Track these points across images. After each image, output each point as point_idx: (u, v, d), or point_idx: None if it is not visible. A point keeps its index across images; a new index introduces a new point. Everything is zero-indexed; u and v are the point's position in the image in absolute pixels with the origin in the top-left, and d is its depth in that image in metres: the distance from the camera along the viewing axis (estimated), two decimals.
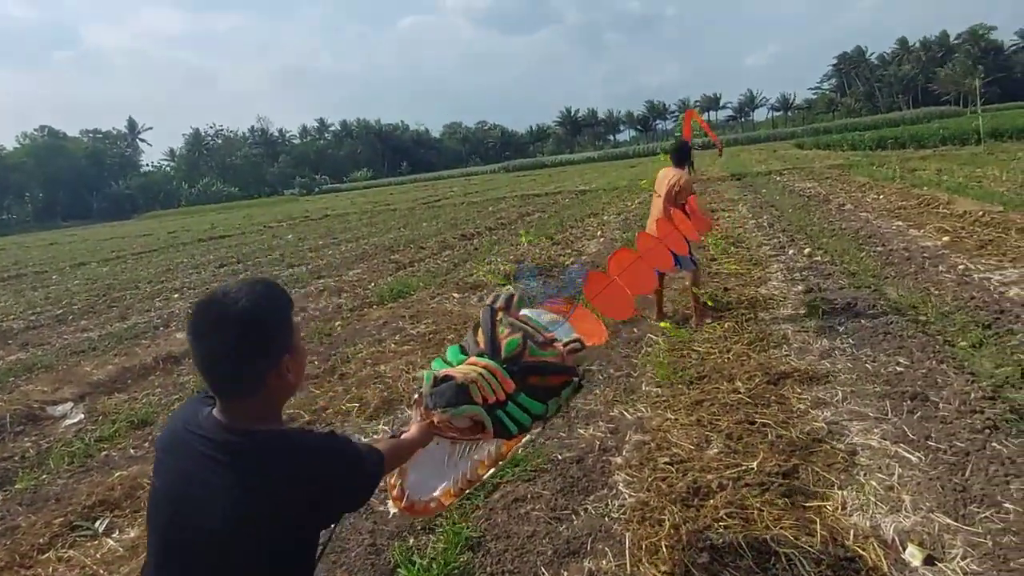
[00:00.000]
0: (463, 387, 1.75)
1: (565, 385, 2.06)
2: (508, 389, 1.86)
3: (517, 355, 1.94)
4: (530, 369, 1.94)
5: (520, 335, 1.99)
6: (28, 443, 5.06)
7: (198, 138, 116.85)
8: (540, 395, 1.94)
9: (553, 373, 2.01)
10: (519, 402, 1.87)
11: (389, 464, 1.57)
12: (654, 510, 3.01)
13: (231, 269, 14.86)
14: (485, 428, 1.78)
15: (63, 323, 10.24)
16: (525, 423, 1.90)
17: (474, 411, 1.76)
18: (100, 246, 29.01)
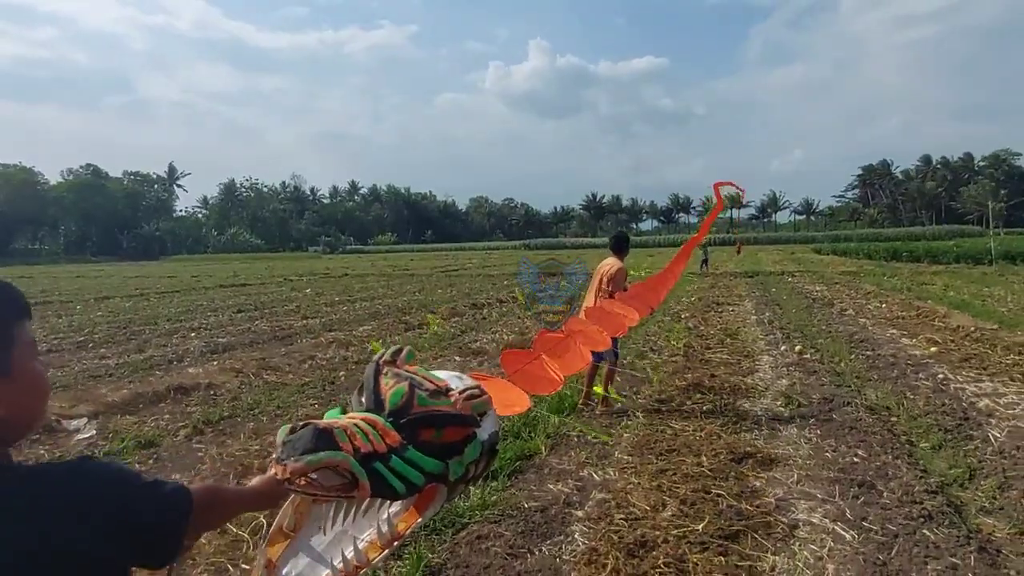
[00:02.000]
0: (325, 432, 1.44)
1: (467, 441, 1.75)
2: (391, 441, 1.58)
3: (403, 405, 1.67)
4: (421, 421, 1.66)
5: (406, 383, 1.72)
6: (43, 450, 5.45)
7: (232, 189, 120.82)
8: (437, 452, 1.66)
9: (449, 424, 1.71)
10: (407, 456, 1.58)
11: (206, 506, 1.20)
12: (601, 555, 3.32)
13: (247, 315, 15.40)
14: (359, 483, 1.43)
15: (83, 349, 10.72)
16: (416, 481, 1.58)
17: (338, 458, 1.41)
18: (126, 283, 29.90)
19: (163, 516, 1.08)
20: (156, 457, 5.24)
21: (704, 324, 12.02)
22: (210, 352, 10.15)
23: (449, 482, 1.70)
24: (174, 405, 6.90)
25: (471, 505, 4.05)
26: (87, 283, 30.61)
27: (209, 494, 1.26)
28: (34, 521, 0.95)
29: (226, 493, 1.40)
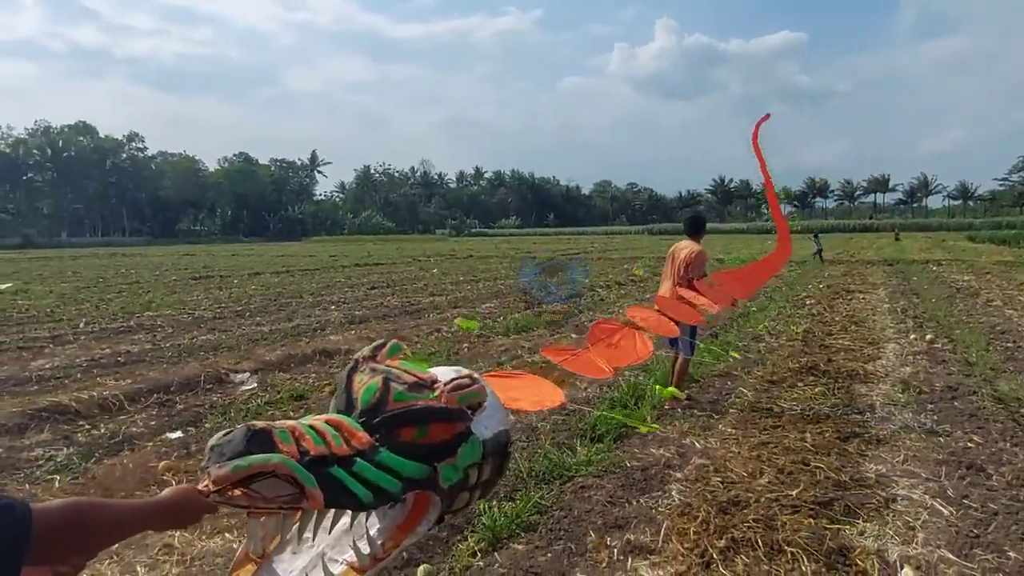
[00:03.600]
0: (261, 432, 1.27)
1: (459, 441, 1.53)
2: (358, 443, 1.40)
3: (377, 402, 1.48)
4: (398, 419, 1.47)
5: (380, 378, 1.53)
6: (216, 397, 6.40)
7: (367, 174, 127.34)
8: (422, 454, 1.46)
9: (433, 420, 1.49)
10: (378, 460, 1.39)
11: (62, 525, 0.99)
12: (693, 509, 3.60)
13: (380, 291, 16.55)
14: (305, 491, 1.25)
15: (242, 317, 12.09)
16: (389, 487, 1.39)
17: (272, 461, 1.22)
18: (273, 261, 32.63)
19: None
20: (305, 408, 6.02)
21: (829, 311, 11.65)
22: (348, 323, 11.14)
23: (442, 489, 1.50)
24: (319, 366, 7.77)
25: (577, 461, 4.43)
26: (240, 260, 33.67)
27: (71, 512, 1.02)
28: None
29: (108, 509, 1.12)
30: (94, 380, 6.97)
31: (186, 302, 14.35)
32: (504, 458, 1.68)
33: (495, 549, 3.34)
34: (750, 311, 11.85)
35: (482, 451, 1.56)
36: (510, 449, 1.70)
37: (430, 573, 3.13)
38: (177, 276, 22.43)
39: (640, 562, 3.17)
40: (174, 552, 3.33)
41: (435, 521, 1.55)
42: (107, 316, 12.16)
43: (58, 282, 20.59)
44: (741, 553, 3.13)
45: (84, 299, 15.25)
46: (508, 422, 1.68)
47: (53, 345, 9.16)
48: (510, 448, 1.70)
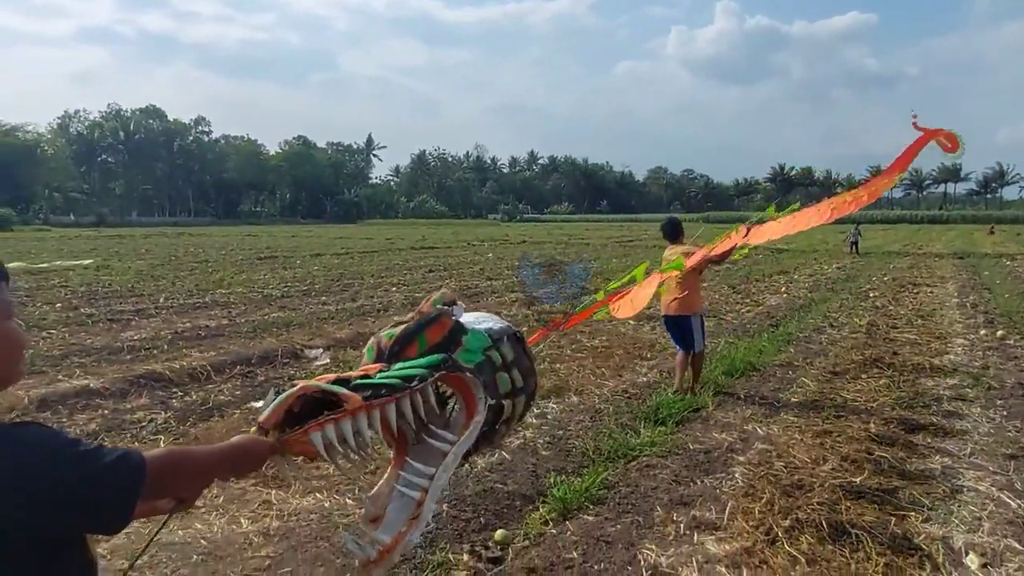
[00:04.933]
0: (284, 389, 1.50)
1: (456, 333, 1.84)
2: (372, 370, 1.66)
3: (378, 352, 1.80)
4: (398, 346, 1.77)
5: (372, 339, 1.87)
6: (292, 371, 6.77)
7: (422, 159, 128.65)
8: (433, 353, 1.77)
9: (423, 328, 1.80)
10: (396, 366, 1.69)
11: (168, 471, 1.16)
12: (758, 491, 3.73)
13: (437, 275, 16.90)
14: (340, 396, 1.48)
15: (308, 296, 12.57)
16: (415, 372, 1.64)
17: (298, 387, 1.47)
18: (332, 243, 33.45)
19: (100, 487, 1.04)
20: None
21: (894, 304, 11.43)
22: (409, 304, 11.47)
23: (467, 368, 1.78)
24: None
25: (640, 442, 4.59)
26: (301, 242, 34.62)
27: (171, 458, 1.22)
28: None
29: (195, 456, 1.35)
30: (180, 351, 7.44)
31: (255, 281, 14.95)
32: (519, 341, 2.00)
33: (566, 519, 3.53)
34: (812, 302, 11.71)
35: (488, 336, 1.88)
36: (520, 335, 2.02)
37: (507, 537, 3.34)
38: (243, 256, 23.28)
39: (706, 537, 3.31)
40: (272, 507, 3.64)
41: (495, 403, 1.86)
42: (183, 292, 12.81)
43: (134, 259, 21.65)
44: (806, 533, 3.24)
45: (160, 276, 16.04)
46: (503, 322, 2.05)
47: (138, 318, 9.75)
48: (520, 335, 2.02)
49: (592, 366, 6.86)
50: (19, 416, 5.09)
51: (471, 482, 3.99)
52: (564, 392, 5.91)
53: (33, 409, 5.22)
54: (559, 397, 5.81)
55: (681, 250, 5.71)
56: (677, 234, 6.09)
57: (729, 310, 10.78)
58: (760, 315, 10.36)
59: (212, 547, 3.23)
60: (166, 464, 1.16)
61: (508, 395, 1.94)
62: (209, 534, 3.37)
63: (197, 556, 3.15)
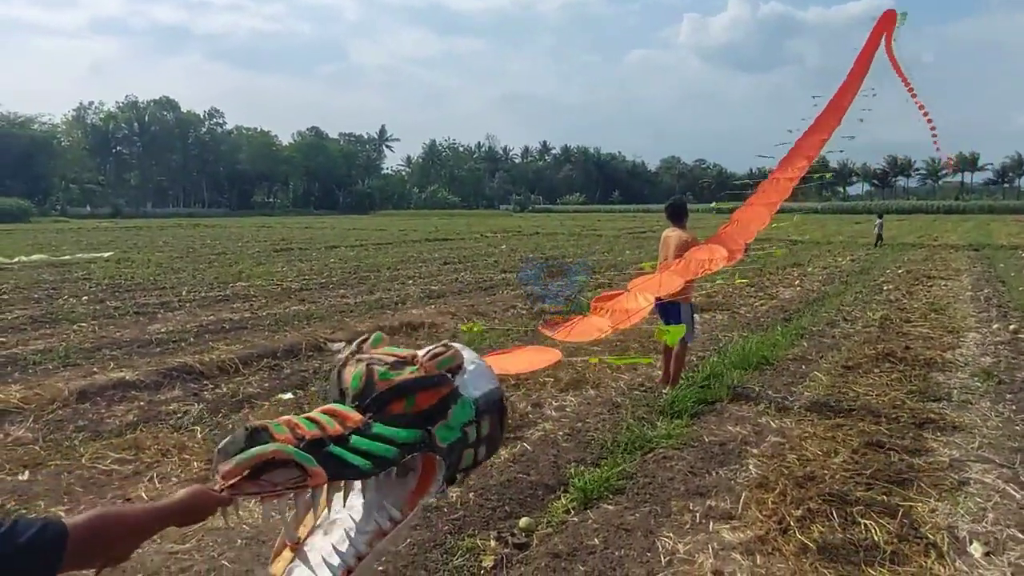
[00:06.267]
0: (258, 429, 1.42)
1: (448, 402, 1.71)
2: (352, 423, 1.57)
3: (364, 387, 1.65)
4: (387, 396, 1.64)
5: (363, 365, 1.70)
6: (316, 363, 6.98)
7: (434, 149, 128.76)
8: (415, 422, 1.64)
9: (418, 390, 1.67)
10: (372, 433, 1.56)
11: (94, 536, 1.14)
12: (771, 482, 3.89)
13: (452, 267, 17.09)
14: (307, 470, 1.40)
15: (326, 289, 12.79)
16: (386, 455, 1.55)
17: (269, 449, 1.37)
18: (346, 234, 33.72)
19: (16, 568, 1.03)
20: None
21: (908, 297, 11.49)
22: (427, 297, 11.68)
23: (441, 448, 1.66)
24: (406, 337, 8.29)
25: (657, 434, 4.76)
26: (315, 233, 34.90)
27: (99, 524, 1.17)
28: None
29: (124, 518, 1.26)
30: (207, 344, 7.67)
31: (273, 273, 15.20)
32: (501, 413, 1.84)
33: (587, 508, 3.71)
34: (825, 296, 11.80)
35: (474, 409, 1.73)
36: (505, 404, 1.87)
37: (531, 525, 3.52)
38: (259, 248, 23.58)
39: (721, 526, 3.48)
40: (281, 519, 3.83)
41: (446, 480, 1.74)
42: (204, 285, 13.07)
43: (152, 251, 21.99)
44: (817, 522, 3.40)
45: (180, 268, 16.33)
46: (496, 381, 1.86)
47: (163, 311, 10.00)
48: (505, 403, 1.86)
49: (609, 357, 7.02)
50: (62, 405, 5.34)
51: (495, 473, 4.17)
52: (582, 386, 6.09)
53: (74, 400, 5.45)
54: (577, 391, 5.98)
55: (683, 235, 5.82)
56: (681, 216, 6.11)
57: (743, 303, 10.90)
58: (774, 308, 10.48)
59: (255, 532, 3.43)
60: (91, 531, 1.13)
61: (464, 470, 1.83)
62: (251, 520, 3.57)
63: (241, 540, 3.36)
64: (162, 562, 3.14)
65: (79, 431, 4.92)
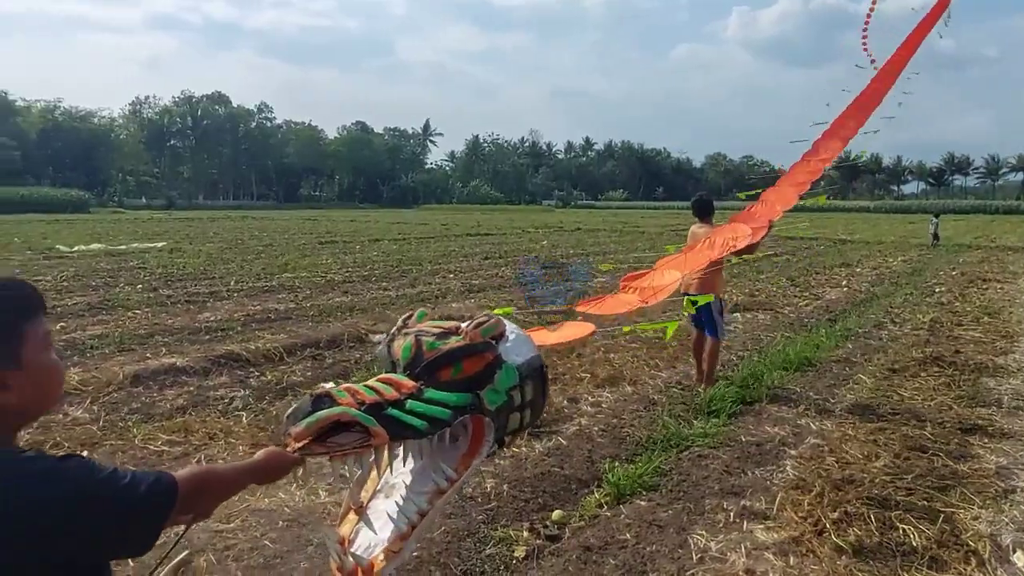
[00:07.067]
0: (322, 395, 1.54)
1: (493, 369, 1.81)
2: (405, 389, 1.67)
3: (414, 356, 1.77)
4: (435, 363, 1.75)
5: (411, 337, 1.83)
6: (358, 354, 7.13)
7: (477, 144, 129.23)
8: (464, 386, 1.75)
9: (464, 357, 1.77)
10: (425, 397, 1.67)
11: (195, 490, 1.26)
12: (808, 483, 3.85)
13: (493, 261, 17.18)
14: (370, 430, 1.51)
15: (368, 281, 13.01)
16: (441, 416, 1.66)
17: (335, 411, 1.49)
18: (389, 228, 34.15)
19: (134, 516, 1.14)
20: None
21: (960, 300, 11.13)
22: (467, 291, 11.79)
23: (490, 411, 1.79)
24: None
25: (693, 433, 4.74)
26: (359, 226, 35.43)
27: (200, 479, 1.30)
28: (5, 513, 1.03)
29: (220, 474, 1.41)
30: (253, 333, 7.90)
31: (318, 265, 15.51)
32: (542, 380, 1.96)
33: (620, 503, 3.73)
34: (874, 297, 11.52)
35: (518, 375, 1.85)
36: (546, 371, 1.99)
37: (563, 517, 3.57)
38: (305, 240, 24.04)
39: (756, 525, 3.47)
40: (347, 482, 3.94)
41: (495, 442, 1.86)
42: (251, 276, 13.42)
43: (203, 242, 22.64)
44: (854, 525, 3.36)
45: (228, 259, 16.79)
46: (537, 350, 1.99)
47: (212, 300, 10.32)
48: (545, 370, 1.99)
49: (646, 357, 7.00)
50: (117, 388, 5.58)
51: (529, 465, 4.23)
52: (619, 382, 6.09)
53: (128, 384, 5.70)
54: (614, 386, 5.99)
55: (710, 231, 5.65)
56: (706, 212, 6.16)
57: (786, 303, 10.71)
58: (818, 309, 10.27)
59: (295, 515, 3.56)
60: (195, 484, 1.26)
61: (511, 433, 1.95)
62: (292, 503, 3.70)
63: (283, 522, 3.48)
64: (208, 539, 3.28)
65: (133, 413, 5.15)
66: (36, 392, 1.17)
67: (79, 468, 1.13)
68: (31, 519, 1.04)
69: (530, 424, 2.04)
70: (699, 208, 6.23)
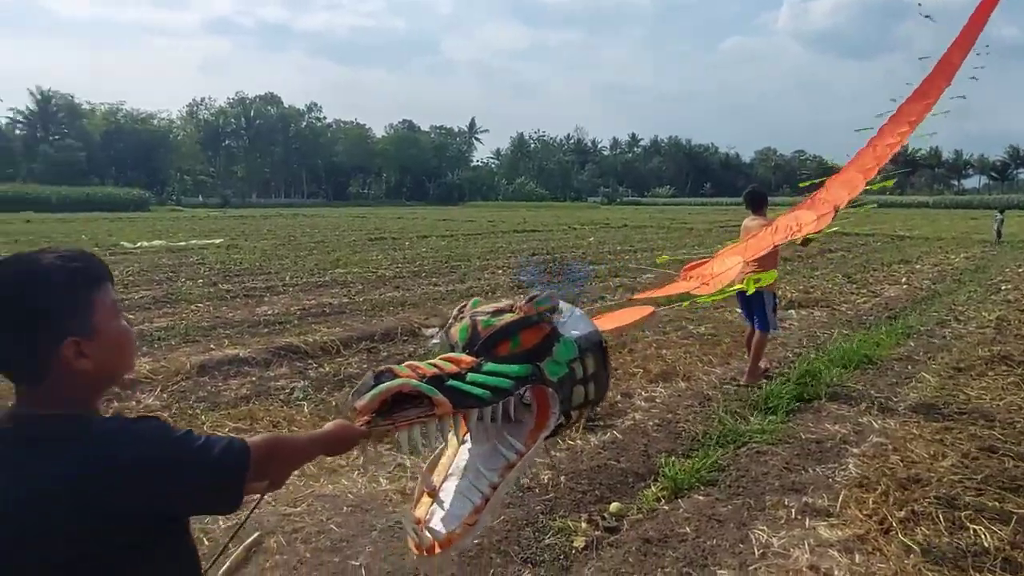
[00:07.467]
0: (384, 371, 1.59)
1: (550, 341, 1.86)
2: (466, 364, 1.72)
3: (471, 336, 1.82)
4: (492, 340, 1.79)
5: (467, 319, 1.88)
6: (411, 348, 7.25)
7: (522, 141, 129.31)
8: (523, 359, 1.79)
9: (521, 330, 1.81)
10: (485, 369, 1.71)
11: (267, 456, 1.29)
12: (872, 482, 3.77)
13: (540, 257, 17.20)
14: (433, 400, 1.55)
15: (419, 277, 13.18)
16: (503, 385, 1.69)
17: (397, 383, 1.54)
18: (436, 225, 34.47)
19: (211, 476, 1.19)
20: None
21: None
22: (516, 288, 11.83)
23: (552, 382, 1.83)
24: None
25: (750, 429, 4.69)
26: (406, 224, 35.83)
27: (269, 445, 1.33)
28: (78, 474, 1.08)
29: (291, 442, 1.49)
30: (309, 326, 8.10)
31: (368, 261, 15.78)
32: (603, 353, 2.00)
33: (677, 497, 3.72)
34: (935, 294, 11.15)
35: (577, 347, 1.88)
36: (606, 346, 2.03)
37: (621, 510, 3.58)
38: (355, 237, 24.46)
39: (818, 522, 3.42)
40: (407, 471, 4.04)
41: (563, 414, 1.89)
42: (305, 271, 13.74)
43: (258, 239, 23.25)
44: (921, 525, 3.28)
45: (283, 255, 17.21)
46: (594, 325, 2.04)
47: (269, 295, 10.61)
48: (605, 345, 2.03)
49: (699, 353, 6.93)
50: (184, 378, 5.80)
51: (585, 458, 4.24)
52: (672, 377, 6.04)
53: (195, 373, 5.92)
54: (667, 382, 5.95)
55: (764, 223, 5.54)
56: (760, 204, 6.06)
57: (843, 300, 10.44)
58: (877, 306, 9.99)
59: (359, 501, 3.66)
60: (266, 450, 1.29)
61: (577, 407, 1.97)
62: (355, 490, 3.80)
63: (347, 507, 3.58)
64: (277, 522, 3.40)
65: (200, 401, 5.36)
66: (110, 358, 1.21)
67: (156, 429, 1.19)
68: (115, 477, 1.09)
69: (596, 400, 2.06)
70: (752, 200, 6.16)
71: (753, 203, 6.11)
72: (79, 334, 1.15)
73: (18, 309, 1.13)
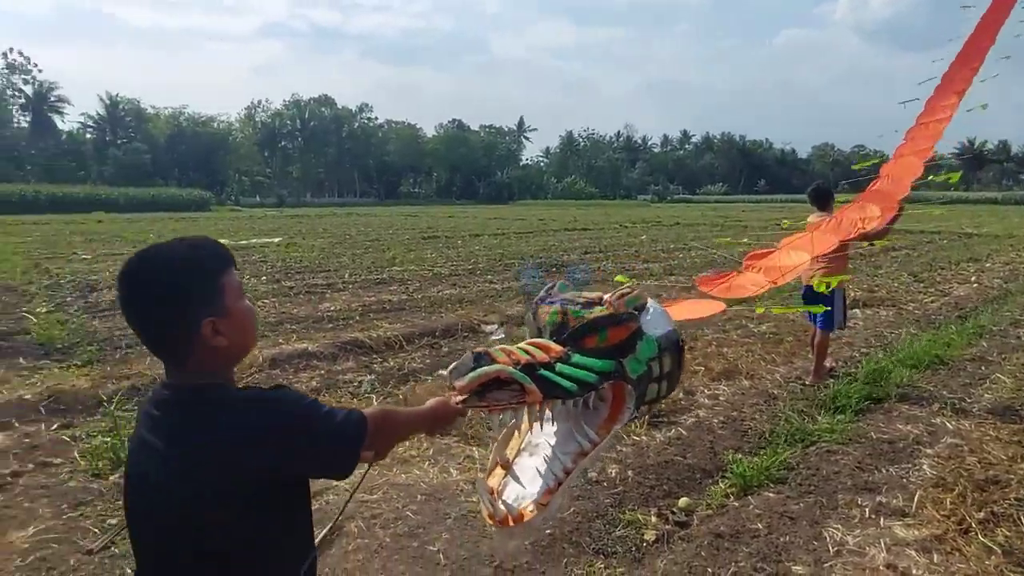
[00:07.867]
0: (482, 353, 1.65)
1: (635, 339, 1.91)
2: (556, 353, 1.77)
3: (560, 323, 1.87)
4: (581, 331, 1.85)
5: (557, 305, 1.92)
6: (471, 344, 7.37)
7: (571, 139, 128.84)
8: (607, 354, 1.84)
9: (609, 326, 1.86)
10: (573, 361, 1.77)
11: (379, 427, 1.40)
12: (948, 483, 3.70)
13: (594, 256, 17.17)
14: (525, 388, 1.61)
15: (474, 275, 13.33)
16: (588, 379, 1.75)
17: (494, 368, 1.60)
18: (487, 223, 34.65)
19: (334, 441, 1.31)
20: None
21: None
22: (570, 284, 11.85)
23: (631, 379, 1.89)
24: None
25: (818, 428, 4.63)
26: (458, 222, 36.15)
27: (381, 417, 1.45)
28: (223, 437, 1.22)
29: (399, 416, 1.61)
30: (371, 322, 8.31)
31: (423, 259, 16.03)
32: (679, 352, 2.06)
33: (747, 494, 3.72)
34: (1008, 293, 10.72)
35: (657, 346, 1.94)
36: (682, 345, 2.08)
37: (690, 505, 3.60)
38: (408, 235, 24.84)
39: (894, 522, 3.37)
40: (475, 462, 4.14)
41: (634, 409, 1.96)
42: (363, 269, 14.05)
43: (315, 237, 23.83)
44: (1002, 526, 3.22)
45: (340, 253, 17.62)
46: (674, 324, 2.07)
47: (330, 291, 10.91)
48: (682, 344, 2.07)
49: (761, 352, 6.86)
50: (257, 370, 6.05)
51: (652, 453, 4.28)
52: (735, 376, 6.01)
53: (266, 367, 6.17)
54: (730, 380, 5.92)
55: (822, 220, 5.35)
56: (825, 201, 5.90)
57: (910, 299, 10.15)
58: (946, 305, 9.67)
59: (431, 490, 3.78)
60: (378, 422, 1.41)
61: (649, 402, 2.04)
62: (427, 479, 3.92)
63: (421, 496, 3.71)
64: (355, 509, 3.54)
65: None
66: (240, 334, 1.34)
67: (288, 397, 1.32)
68: (257, 438, 1.23)
69: (665, 396, 2.15)
70: (817, 197, 6.04)
71: (818, 200, 6.01)
72: (215, 314, 1.27)
73: (168, 295, 1.26)
